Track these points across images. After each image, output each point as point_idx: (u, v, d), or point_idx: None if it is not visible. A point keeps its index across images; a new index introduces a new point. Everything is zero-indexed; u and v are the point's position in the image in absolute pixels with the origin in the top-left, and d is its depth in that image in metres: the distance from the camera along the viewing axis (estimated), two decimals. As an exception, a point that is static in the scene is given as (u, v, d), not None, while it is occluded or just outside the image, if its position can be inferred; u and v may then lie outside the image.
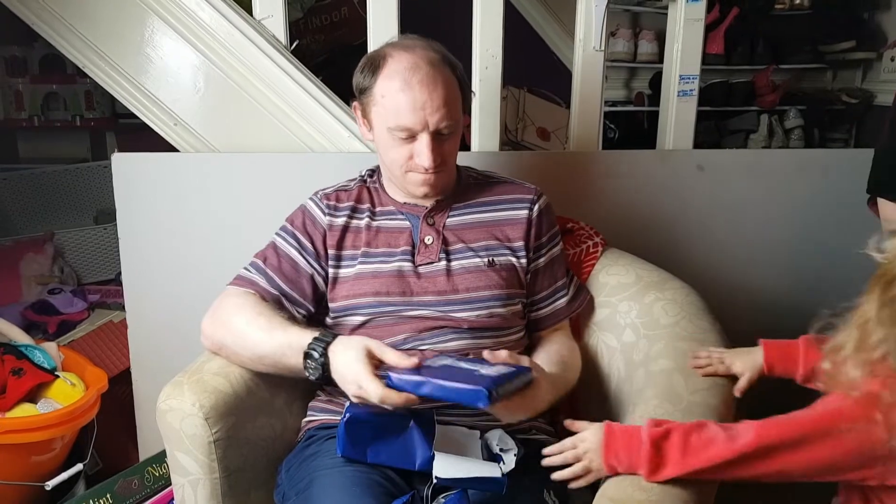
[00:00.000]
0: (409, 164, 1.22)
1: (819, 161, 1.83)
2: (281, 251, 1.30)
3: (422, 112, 1.17)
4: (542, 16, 3.09)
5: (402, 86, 1.18)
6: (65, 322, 2.22)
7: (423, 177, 1.23)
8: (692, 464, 0.95)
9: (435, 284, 1.25)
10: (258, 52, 1.64)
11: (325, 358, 1.12)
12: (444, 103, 1.18)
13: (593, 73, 1.71)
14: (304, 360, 1.13)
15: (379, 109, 1.21)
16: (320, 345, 1.13)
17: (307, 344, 1.14)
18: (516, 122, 2.21)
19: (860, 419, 0.92)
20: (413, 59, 1.19)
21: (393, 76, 1.19)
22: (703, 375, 1.16)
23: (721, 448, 0.95)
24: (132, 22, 1.65)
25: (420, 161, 1.20)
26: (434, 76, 1.18)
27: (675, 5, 1.72)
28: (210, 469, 1.18)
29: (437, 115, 1.18)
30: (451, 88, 1.20)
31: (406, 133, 1.19)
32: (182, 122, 1.69)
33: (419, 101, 1.17)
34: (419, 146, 1.20)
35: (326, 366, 1.12)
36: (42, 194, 2.87)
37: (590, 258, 1.47)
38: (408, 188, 1.27)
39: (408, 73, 1.18)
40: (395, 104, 1.18)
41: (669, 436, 0.97)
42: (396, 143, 1.21)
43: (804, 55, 3.02)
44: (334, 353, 1.11)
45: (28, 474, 1.67)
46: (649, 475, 0.96)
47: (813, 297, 1.81)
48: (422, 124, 1.18)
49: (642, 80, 3.21)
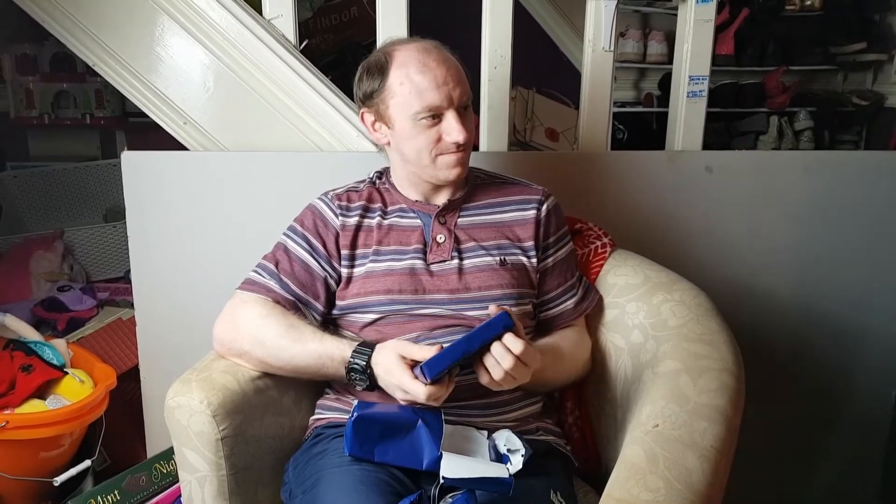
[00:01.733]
0: (439, 147, 1.23)
1: (829, 163, 1.82)
2: (293, 255, 1.29)
3: (445, 87, 1.20)
4: (552, 16, 3.09)
5: (420, 67, 1.21)
6: (74, 319, 2.23)
7: (455, 156, 1.24)
8: None
9: (447, 283, 1.25)
10: (268, 51, 1.64)
11: (371, 369, 1.15)
12: (461, 79, 1.23)
13: (602, 73, 1.71)
14: (350, 375, 1.17)
15: (398, 100, 1.22)
16: (363, 358, 1.16)
17: (348, 359, 1.17)
18: (525, 123, 2.21)
19: None
20: (420, 44, 1.24)
21: (407, 63, 1.21)
22: None
23: None
24: (143, 21, 1.66)
25: (452, 137, 1.22)
26: (445, 56, 1.24)
27: (685, 6, 1.72)
28: (217, 466, 1.18)
29: (459, 88, 1.22)
30: (460, 66, 1.25)
31: (432, 112, 1.21)
32: (192, 120, 1.70)
33: (440, 77, 1.20)
34: (447, 125, 1.22)
35: (373, 376, 1.15)
36: (52, 192, 2.89)
37: (598, 259, 1.46)
38: (438, 175, 1.26)
39: (422, 55, 1.22)
40: (417, 87, 1.20)
41: None
42: (422, 130, 1.22)
43: (815, 57, 3.01)
44: (377, 365, 1.15)
45: (37, 470, 1.68)
46: None
47: (822, 298, 1.82)
48: (448, 100, 1.21)
49: (651, 80, 3.21)
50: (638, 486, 0.97)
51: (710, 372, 1.15)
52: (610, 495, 0.97)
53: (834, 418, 1.88)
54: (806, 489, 1.91)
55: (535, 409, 1.29)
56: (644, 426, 1.07)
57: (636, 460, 1.01)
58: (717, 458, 1.02)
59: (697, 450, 1.02)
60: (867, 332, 1.82)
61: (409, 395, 1.09)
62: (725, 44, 2.91)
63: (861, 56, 2.97)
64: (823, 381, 1.86)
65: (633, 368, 1.30)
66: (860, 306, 1.82)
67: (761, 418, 1.22)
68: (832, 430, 1.89)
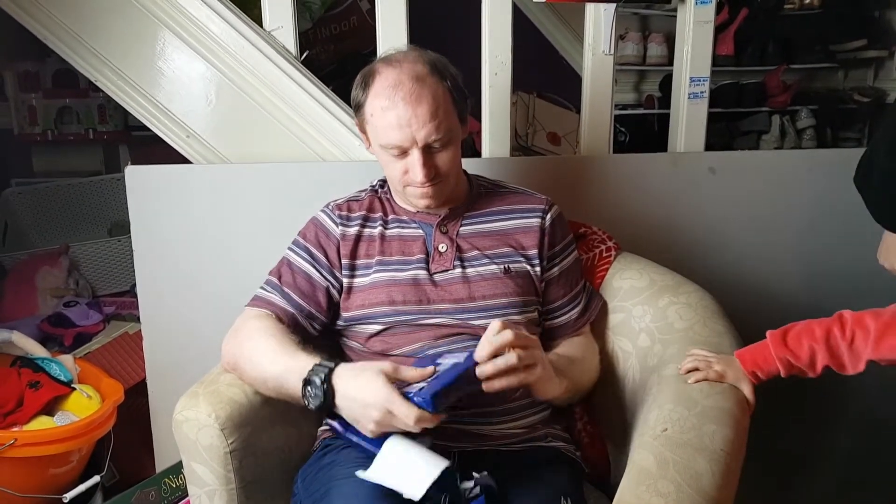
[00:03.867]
0: (406, 179, 1.23)
1: (832, 161, 1.81)
2: (295, 267, 1.30)
3: (408, 129, 1.17)
4: (551, 21, 3.09)
5: (387, 104, 1.18)
6: (80, 334, 2.23)
7: (421, 190, 1.23)
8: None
9: (451, 292, 1.25)
10: (269, 62, 1.65)
11: (328, 385, 1.09)
12: (432, 117, 1.17)
13: (603, 76, 1.71)
14: (304, 388, 1.10)
15: (370, 127, 1.23)
16: (322, 370, 1.10)
17: (308, 370, 1.11)
18: (526, 128, 2.22)
19: None
20: (397, 75, 1.18)
21: (379, 94, 1.20)
22: (694, 382, 1.15)
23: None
24: (144, 36, 1.67)
25: (413, 176, 1.21)
26: (418, 91, 1.17)
27: (685, 7, 1.72)
28: (226, 480, 1.18)
29: (424, 130, 1.18)
30: (438, 101, 1.19)
31: (397, 150, 1.20)
32: (194, 133, 1.70)
33: (404, 118, 1.17)
34: (411, 162, 1.20)
35: (329, 393, 1.08)
36: (57, 208, 2.90)
37: (603, 262, 1.46)
38: (410, 201, 1.28)
39: (391, 91, 1.18)
40: (383, 123, 1.19)
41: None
42: (391, 160, 1.22)
43: (815, 55, 3.01)
44: (341, 378, 1.09)
45: (45, 487, 1.68)
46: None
47: (827, 297, 1.81)
48: (410, 141, 1.18)
49: (652, 82, 3.21)
50: (649, 491, 0.96)
51: (719, 374, 1.15)
52: (621, 500, 0.97)
53: (841, 419, 1.87)
54: (811, 491, 1.90)
55: (543, 415, 1.28)
56: (653, 430, 1.06)
57: (646, 465, 1.00)
58: (727, 461, 1.02)
59: (707, 453, 1.01)
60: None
61: (387, 418, 1.04)
62: (725, 44, 2.91)
63: (861, 53, 2.97)
64: (830, 382, 1.84)
65: (640, 372, 1.30)
66: (867, 305, 1.79)
67: (766, 418, 1.22)
68: (839, 430, 1.88)
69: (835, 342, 1.12)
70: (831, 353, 1.12)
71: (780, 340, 1.14)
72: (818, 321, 1.15)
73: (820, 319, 1.15)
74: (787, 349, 1.14)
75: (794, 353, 1.13)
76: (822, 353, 1.12)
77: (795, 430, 1.84)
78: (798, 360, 1.14)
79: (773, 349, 1.14)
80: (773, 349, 1.14)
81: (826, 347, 1.12)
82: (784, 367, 1.14)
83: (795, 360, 1.14)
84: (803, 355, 1.13)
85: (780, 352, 1.14)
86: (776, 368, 1.14)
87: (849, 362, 1.12)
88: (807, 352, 1.13)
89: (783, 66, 2.96)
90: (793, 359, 1.14)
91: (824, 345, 1.12)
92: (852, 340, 1.11)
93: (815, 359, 1.13)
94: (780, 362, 1.14)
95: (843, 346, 1.11)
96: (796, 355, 1.13)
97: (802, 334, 1.14)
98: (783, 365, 1.14)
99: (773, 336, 1.15)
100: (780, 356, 1.14)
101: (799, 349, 1.13)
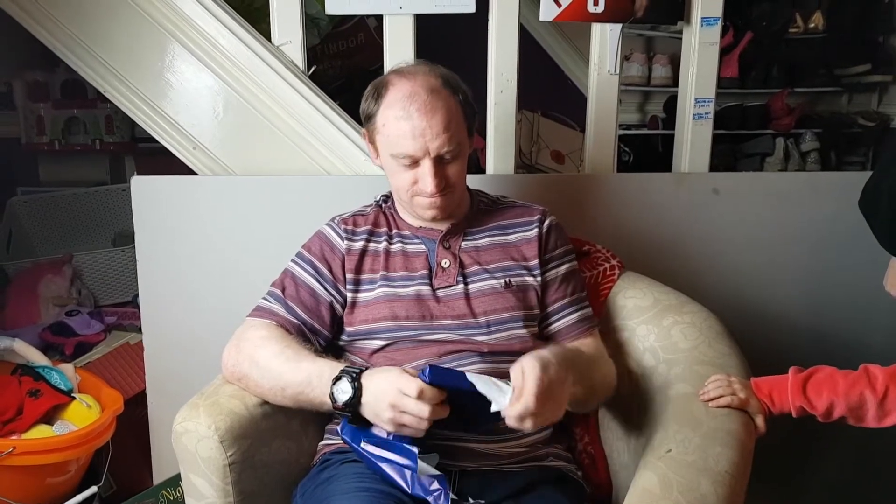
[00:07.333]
0: (414, 189, 1.24)
1: (836, 184, 1.81)
2: (299, 280, 1.30)
3: (422, 139, 1.19)
4: (556, 40, 3.11)
5: (402, 114, 1.19)
6: (82, 344, 2.23)
7: (429, 200, 1.24)
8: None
9: (453, 309, 1.25)
10: (276, 77, 1.66)
11: (358, 382, 1.11)
12: (445, 129, 1.19)
13: (608, 96, 1.72)
14: (334, 384, 1.12)
15: (382, 137, 1.24)
16: (353, 370, 1.13)
17: (339, 370, 1.13)
18: (531, 146, 2.22)
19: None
20: (412, 86, 1.21)
21: (393, 104, 1.21)
22: (716, 406, 1.13)
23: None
24: (153, 48, 1.68)
25: (423, 186, 1.22)
26: (433, 103, 1.19)
27: (690, 29, 1.73)
28: (225, 493, 1.17)
29: (437, 140, 1.19)
30: (451, 113, 1.21)
31: (409, 160, 1.21)
32: (201, 145, 1.71)
33: (418, 128, 1.18)
34: (422, 171, 1.22)
35: (358, 389, 1.10)
36: (61, 217, 2.91)
37: (607, 281, 1.46)
38: (416, 211, 1.28)
39: (406, 101, 1.19)
40: (396, 132, 1.20)
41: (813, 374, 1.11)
42: (401, 169, 1.23)
43: (819, 78, 3.02)
44: (369, 378, 1.11)
45: (43, 496, 1.67)
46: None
47: (832, 320, 1.80)
48: (423, 151, 1.20)
49: (656, 103, 3.22)
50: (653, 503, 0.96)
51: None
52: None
53: (847, 442, 1.86)
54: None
55: (544, 434, 1.27)
56: (657, 451, 1.06)
57: (650, 486, 1.00)
58: (731, 483, 1.01)
59: (711, 475, 1.01)
60: (878, 354, 1.80)
61: (402, 399, 1.04)
62: (730, 66, 2.93)
63: (866, 77, 2.98)
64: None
65: (644, 392, 1.29)
66: (870, 328, 1.80)
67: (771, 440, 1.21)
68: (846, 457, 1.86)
69: (859, 398, 1.10)
70: (851, 407, 1.10)
71: (800, 389, 1.12)
72: (843, 373, 1.12)
73: (845, 371, 1.13)
74: (804, 399, 1.12)
75: (811, 403, 1.12)
76: (841, 407, 1.10)
77: (799, 453, 1.82)
78: (814, 409, 1.12)
79: (791, 395, 1.12)
80: (790, 395, 1.12)
81: (846, 401, 1.10)
82: (797, 412, 1.13)
83: (811, 410, 1.12)
84: (820, 406, 1.11)
85: (798, 400, 1.12)
86: (788, 410, 1.13)
87: (873, 417, 1.10)
88: (825, 404, 1.11)
89: (787, 90, 2.97)
90: (808, 408, 1.12)
91: (844, 399, 1.10)
92: (885, 395, 1.08)
93: (832, 411, 1.11)
94: (794, 409, 1.13)
95: (871, 402, 1.09)
96: (813, 405, 1.12)
97: (824, 386, 1.11)
98: (796, 410, 1.13)
99: (794, 381, 1.13)
100: (797, 404, 1.12)
101: (818, 400, 1.11)
